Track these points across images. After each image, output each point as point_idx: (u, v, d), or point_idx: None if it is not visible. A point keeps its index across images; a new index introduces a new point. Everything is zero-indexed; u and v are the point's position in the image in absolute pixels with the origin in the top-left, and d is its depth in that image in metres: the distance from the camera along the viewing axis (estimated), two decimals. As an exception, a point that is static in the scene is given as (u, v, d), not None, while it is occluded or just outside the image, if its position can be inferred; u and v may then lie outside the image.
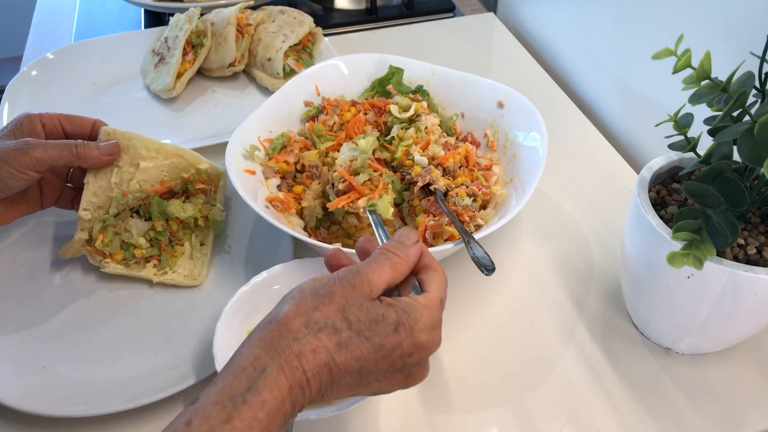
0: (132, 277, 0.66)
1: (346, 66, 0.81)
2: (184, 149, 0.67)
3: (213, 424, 0.35)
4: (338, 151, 0.72)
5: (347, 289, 0.42)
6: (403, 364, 0.42)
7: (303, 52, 0.96)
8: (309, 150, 0.73)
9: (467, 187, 0.68)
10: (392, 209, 0.62)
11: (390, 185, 0.64)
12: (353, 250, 0.58)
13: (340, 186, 0.62)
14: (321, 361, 0.39)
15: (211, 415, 0.36)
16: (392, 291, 0.46)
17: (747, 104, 0.48)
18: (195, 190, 0.68)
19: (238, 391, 0.37)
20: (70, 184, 0.68)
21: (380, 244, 0.50)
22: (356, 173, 0.63)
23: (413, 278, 0.47)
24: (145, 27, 1.12)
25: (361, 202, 0.61)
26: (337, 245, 0.65)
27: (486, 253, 0.56)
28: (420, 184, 0.66)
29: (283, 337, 0.39)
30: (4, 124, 0.83)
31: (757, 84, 0.49)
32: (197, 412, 0.36)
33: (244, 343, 0.40)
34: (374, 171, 0.64)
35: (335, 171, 0.63)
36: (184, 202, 0.68)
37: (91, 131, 0.65)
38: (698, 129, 0.52)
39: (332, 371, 0.40)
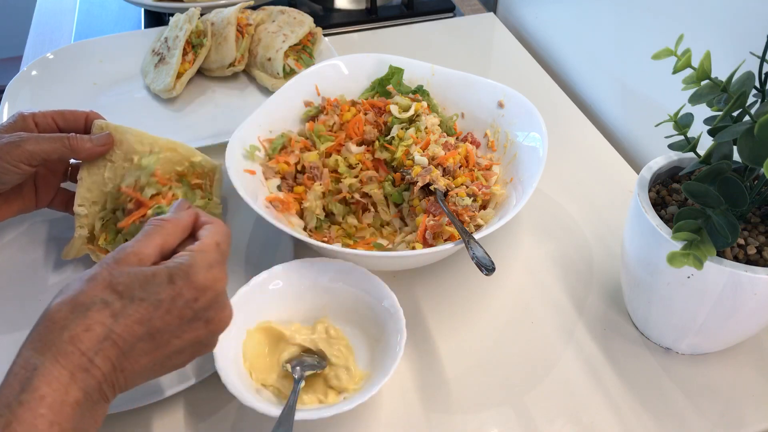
0: None
1: (346, 66, 0.81)
2: (178, 143, 0.67)
3: None
4: (339, 152, 0.72)
5: (111, 265, 0.41)
6: (194, 312, 0.42)
7: (303, 52, 0.96)
8: (309, 150, 0.73)
9: (467, 187, 0.68)
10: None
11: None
12: (353, 251, 0.59)
13: (130, 206, 0.63)
14: (98, 337, 0.38)
15: None
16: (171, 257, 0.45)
17: (747, 104, 0.48)
18: (191, 185, 0.68)
19: (12, 396, 0.35)
20: (66, 184, 0.68)
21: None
22: (142, 189, 0.64)
23: (191, 240, 0.47)
24: (145, 27, 1.12)
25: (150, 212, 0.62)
26: (337, 245, 0.65)
27: (486, 254, 0.56)
28: (420, 184, 0.66)
29: (50, 331, 0.38)
30: (4, 124, 0.84)
31: (757, 84, 0.49)
32: None
33: (18, 352, 0.39)
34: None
35: (122, 194, 0.64)
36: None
37: (85, 125, 0.65)
38: (698, 129, 0.52)
39: (117, 343, 0.39)
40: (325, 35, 1.02)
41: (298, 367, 0.55)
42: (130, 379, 0.41)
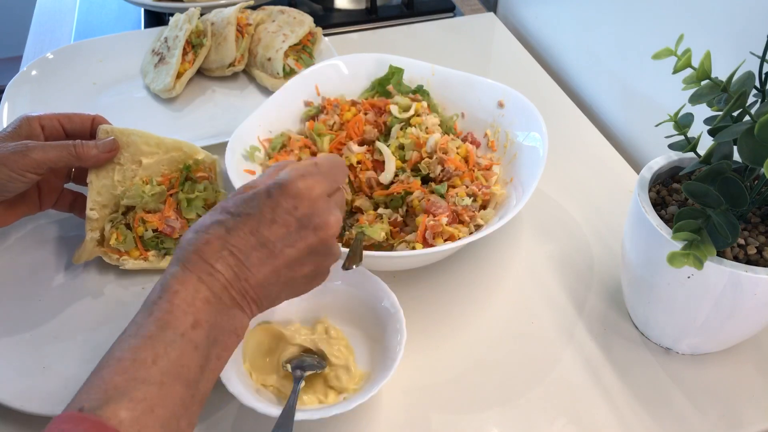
0: (151, 270, 0.67)
1: (346, 66, 0.81)
2: (182, 141, 0.68)
3: (140, 323, 0.41)
4: (340, 151, 0.72)
5: (227, 199, 0.47)
6: (298, 220, 0.45)
7: (303, 52, 0.96)
8: (309, 148, 0.73)
9: (467, 187, 0.68)
10: (384, 233, 0.64)
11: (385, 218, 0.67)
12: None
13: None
14: (217, 248, 0.43)
15: (137, 320, 0.41)
16: None
17: (747, 104, 0.48)
18: (197, 178, 0.69)
19: (155, 296, 0.42)
20: (70, 185, 0.68)
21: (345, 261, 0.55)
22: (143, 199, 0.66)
23: None
24: (145, 27, 1.12)
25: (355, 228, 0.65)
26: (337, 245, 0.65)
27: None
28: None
29: (181, 248, 0.44)
30: (4, 123, 0.84)
31: (757, 84, 0.49)
32: (131, 323, 0.41)
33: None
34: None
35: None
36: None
37: (91, 127, 0.65)
38: (698, 129, 0.52)
39: (233, 252, 0.44)
40: (325, 35, 1.02)
41: (298, 368, 0.55)
42: (260, 289, 0.45)
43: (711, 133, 0.50)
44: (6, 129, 0.61)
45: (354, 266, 0.55)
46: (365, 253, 0.57)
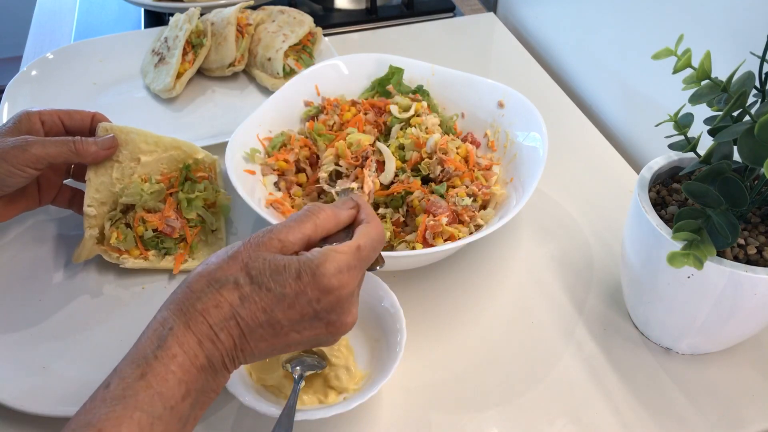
0: (151, 270, 0.67)
1: (346, 66, 0.81)
2: (181, 140, 0.68)
3: (128, 383, 0.38)
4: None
5: (253, 247, 0.43)
6: (315, 312, 0.42)
7: (303, 52, 0.96)
8: (309, 148, 0.72)
9: (467, 187, 0.68)
10: (389, 233, 0.64)
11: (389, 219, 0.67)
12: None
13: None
14: (225, 315, 0.41)
15: (126, 374, 0.38)
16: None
17: (747, 104, 0.48)
18: (197, 178, 0.69)
19: (149, 350, 0.39)
20: (69, 181, 0.68)
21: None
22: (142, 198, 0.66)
23: (346, 234, 0.47)
24: (145, 27, 1.12)
25: None
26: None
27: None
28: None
29: (188, 298, 0.41)
30: (4, 123, 0.84)
31: (757, 84, 0.49)
32: (115, 374, 0.39)
33: (159, 309, 0.42)
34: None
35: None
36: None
37: (91, 125, 0.65)
38: (698, 129, 0.52)
39: (239, 324, 0.41)
40: (325, 35, 1.02)
41: (298, 367, 0.55)
42: (249, 358, 0.43)
43: (711, 133, 0.50)
44: (6, 124, 0.61)
45: (378, 267, 0.54)
46: None
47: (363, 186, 0.66)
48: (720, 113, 0.48)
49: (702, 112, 0.52)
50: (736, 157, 0.47)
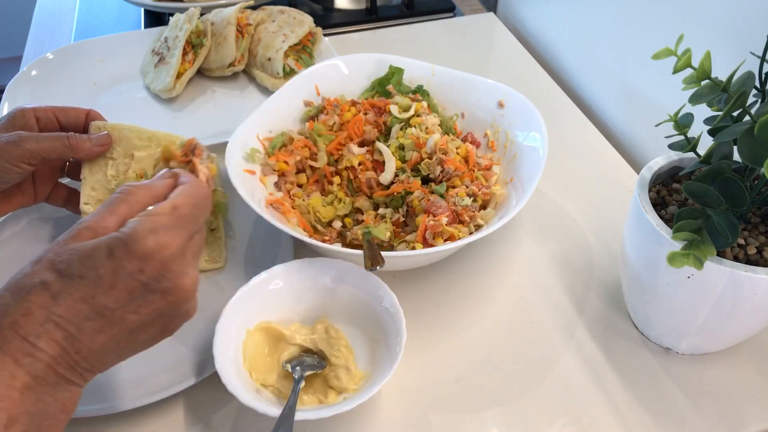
0: None
1: (346, 66, 0.81)
2: (175, 135, 0.68)
3: None
4: (340, 150, 0.72)
5: (60, 243, 0.39)
6: (143, 284, 0.39)
7: (303, 52, 0.96)
8: (309, 149, 0.72)
9: (467, 187, 0.68)
10: (389, 233, 0.64)
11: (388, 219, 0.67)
12: (352, 251, 0.58)
13: None
14: (39, 321, 0.37)
15: None
16: None
17: (747, 104, 0.48)
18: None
19: None
20: (66, 180, 0.68)
21: (365, 262, 0.53)
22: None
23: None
24: (145, 27, 1.12)
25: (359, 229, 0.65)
26: (337, 245, 0.65)
27: None
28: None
29: None
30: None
31: (757, 84, 0.49)
32: None
33: None
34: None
35: None
36: None
37: (85, 122, 0.65)
38: (698, 129, 0.52)
39: (60, 325, 0.37)
40: (325, 35, 1.02)
41: (298, 367, 0.55)
42: (95, 357, 0.39)
43: (711, 133, 0.50)
44: (0, 120, 0.61)
45: (378, 267, 0.54)
46: None
47: (199, 176, 0.64)
48: (720, 113, 0.48)
49: (702, 112, 0.52)
50: (736, 157, 0.47)
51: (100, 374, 0.58)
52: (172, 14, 1.01)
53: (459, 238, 0.62)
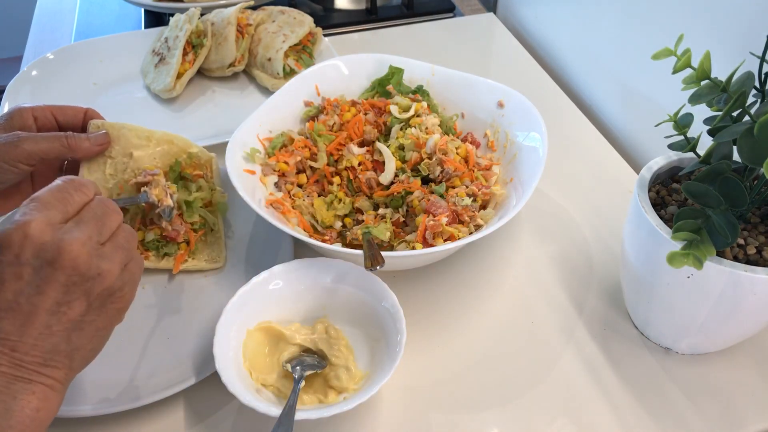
0: (151, 270, 0.67)
1: (346, 66, 0.81)
2: (173, 135, 0.68)
3: None
4: (340, 151, 0.73)
5: None
6: (28, 264, 0.40)
7: (303, 52, 0.96)
8: (309, 148, 0.73)
9: (467, 187, 0.68)
10: (389, 233, 0.64)
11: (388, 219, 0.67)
12: (352, 250, 0.59)
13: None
14: None
15: None
16: None
17: (747, 104, 0.48)
18: (192, 176, 0.68)
19: None
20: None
21: (365, 262, 0.54)
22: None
23: None
24: (145, 27, 1.12)
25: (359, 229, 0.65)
26: (337, 245, 0.65)
27: None
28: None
29: None
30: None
31: (757, 84, 0.49)
32: None
33: None
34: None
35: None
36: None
37: (83, 120, 0.65)
38: (698, 129, 0.52)
39: None
40: (325, 35, 1.02)
41: (298, 367, 0.55)
42: (38, 351, 0.40)
43: (711, 133, 0.50)
44: None
45: (378, 267, 0.54)
46: None
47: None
48: (720, 113, 0.48)
49: (702, 112, 0.52)
50: (736, 157, 0.47)
51: (99, 374, 0.58)
52: (172, 14, 1.01)
53: (459, 238, 0.62)
